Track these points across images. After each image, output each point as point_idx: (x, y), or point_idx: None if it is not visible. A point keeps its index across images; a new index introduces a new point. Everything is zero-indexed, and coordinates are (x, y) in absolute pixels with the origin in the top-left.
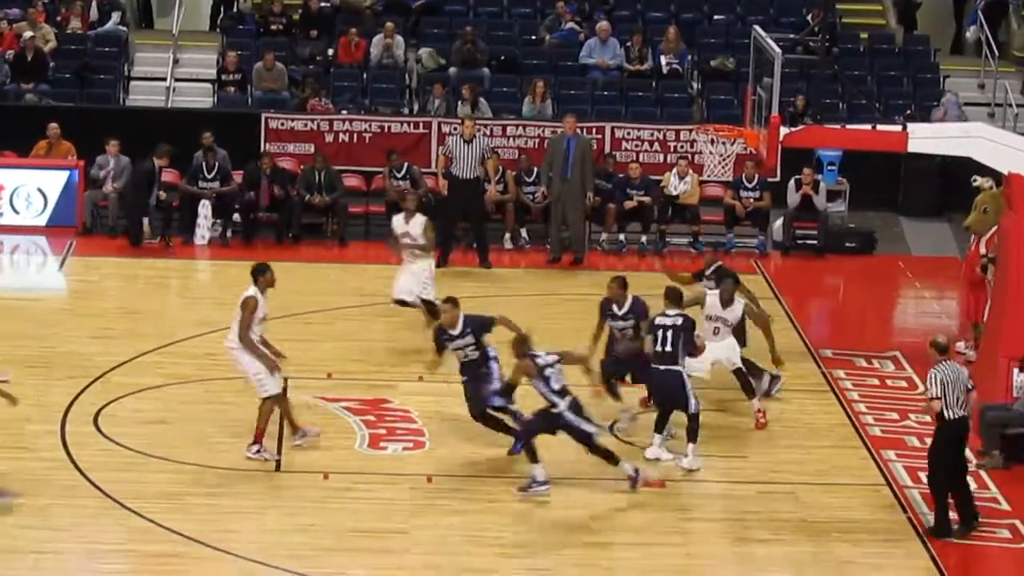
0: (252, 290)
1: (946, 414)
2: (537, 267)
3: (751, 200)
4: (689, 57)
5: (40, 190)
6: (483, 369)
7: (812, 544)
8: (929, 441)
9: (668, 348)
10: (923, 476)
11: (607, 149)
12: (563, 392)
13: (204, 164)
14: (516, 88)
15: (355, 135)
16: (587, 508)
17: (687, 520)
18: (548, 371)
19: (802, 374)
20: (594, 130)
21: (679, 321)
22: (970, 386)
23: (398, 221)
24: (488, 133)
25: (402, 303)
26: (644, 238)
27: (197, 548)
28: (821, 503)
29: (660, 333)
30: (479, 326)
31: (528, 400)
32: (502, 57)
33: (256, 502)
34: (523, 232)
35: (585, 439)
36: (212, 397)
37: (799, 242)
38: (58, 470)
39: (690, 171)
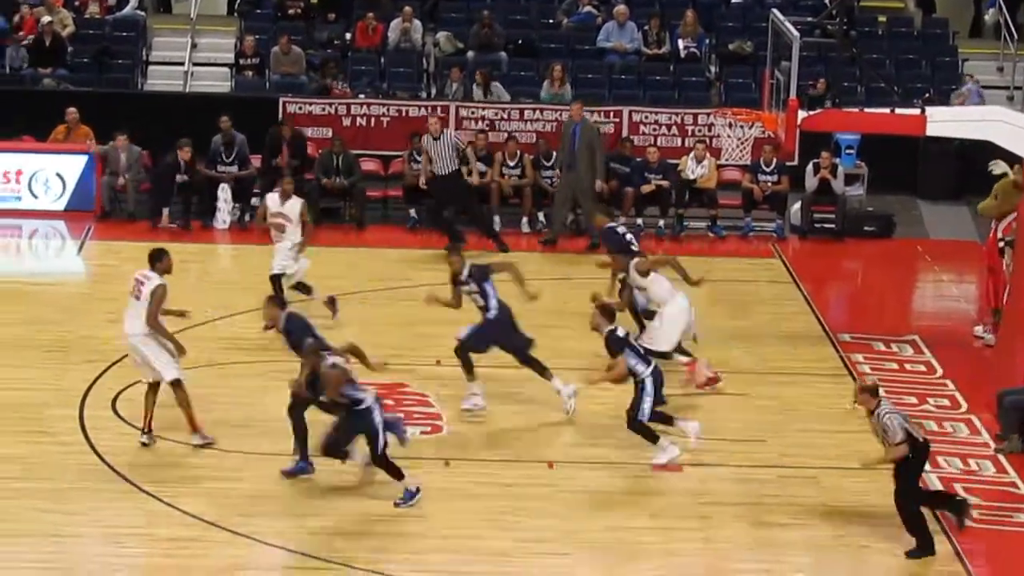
0: (157, 277)
1: (918, 439)
2: (554, 251)
3: (769, 184)
4: (707, 41)
5: (59, 175)
6: None
7: (831, 528)
8: (948, 427)
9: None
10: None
11: (625, 133)
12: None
13: (222, 148)
14: (534, 72)
15: (373, 119)
16: (605, 493)
17: (706, 504)
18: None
19: (820, 358)
20: (612, 114)
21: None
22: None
23: (273, 201)
24: (506, 117)
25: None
26: (662, 222)
27: (215, 532)
28: (840, 487)
29: (632, 341)
30: (298, 328)
31: None
32: (519, 41)
33: (274, 486)
34: (540, 216)
35: (375, 442)
36: (230, 381)
37: (817, 226)
38: (77, 454)
39: (708, 155)
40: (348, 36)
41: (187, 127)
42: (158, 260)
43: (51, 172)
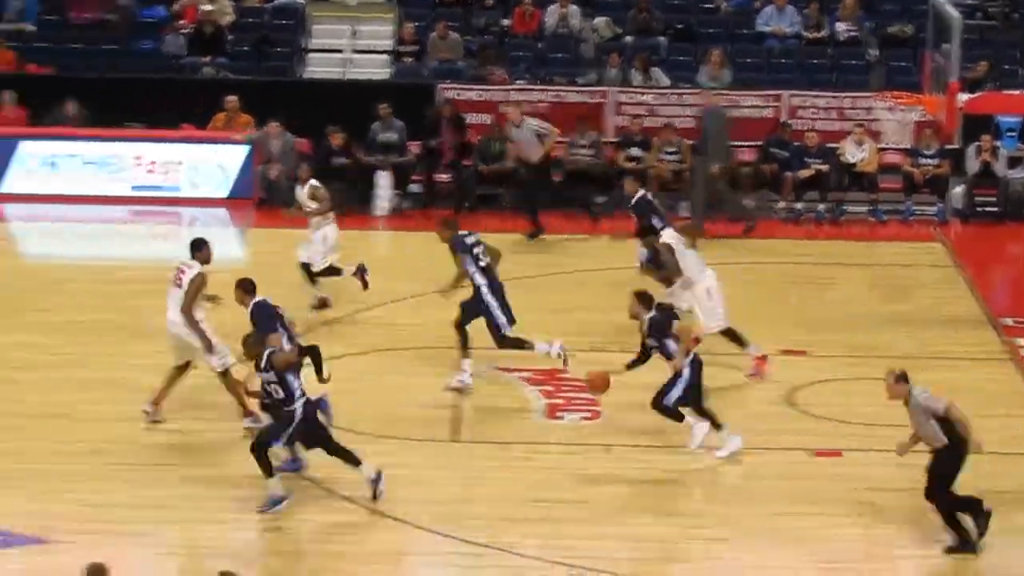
0: (198, 266)
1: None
2: (711, 237)
3: (930, 167)
4: (867, 24)
5: (219, 164)
6: None
7: (993, 513)
8: None
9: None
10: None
11: (783, 117)
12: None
13: (381, 136)
14: (692, 57)
15: (531, 105)
16: (762, 478)
17: (865, 490)
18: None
19: (982, 342)
20: (771, 98)
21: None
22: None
23: (298, 190)
24: (665, 102)
25: (305, 267)
26: (821, 207)
27: (372, 517)
28: (1001, 472)
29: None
30: (263, 317)
31: None
32: (678, 25)
33: (433, 472)
34: None
35: (272, 437)
36: (392, 367)
37: (979, 209)
38: (236, 440)
39: (867, 138)
40: (506, 22)
41: (345, 114)
42: (198, 250)
43: (212, 161)
